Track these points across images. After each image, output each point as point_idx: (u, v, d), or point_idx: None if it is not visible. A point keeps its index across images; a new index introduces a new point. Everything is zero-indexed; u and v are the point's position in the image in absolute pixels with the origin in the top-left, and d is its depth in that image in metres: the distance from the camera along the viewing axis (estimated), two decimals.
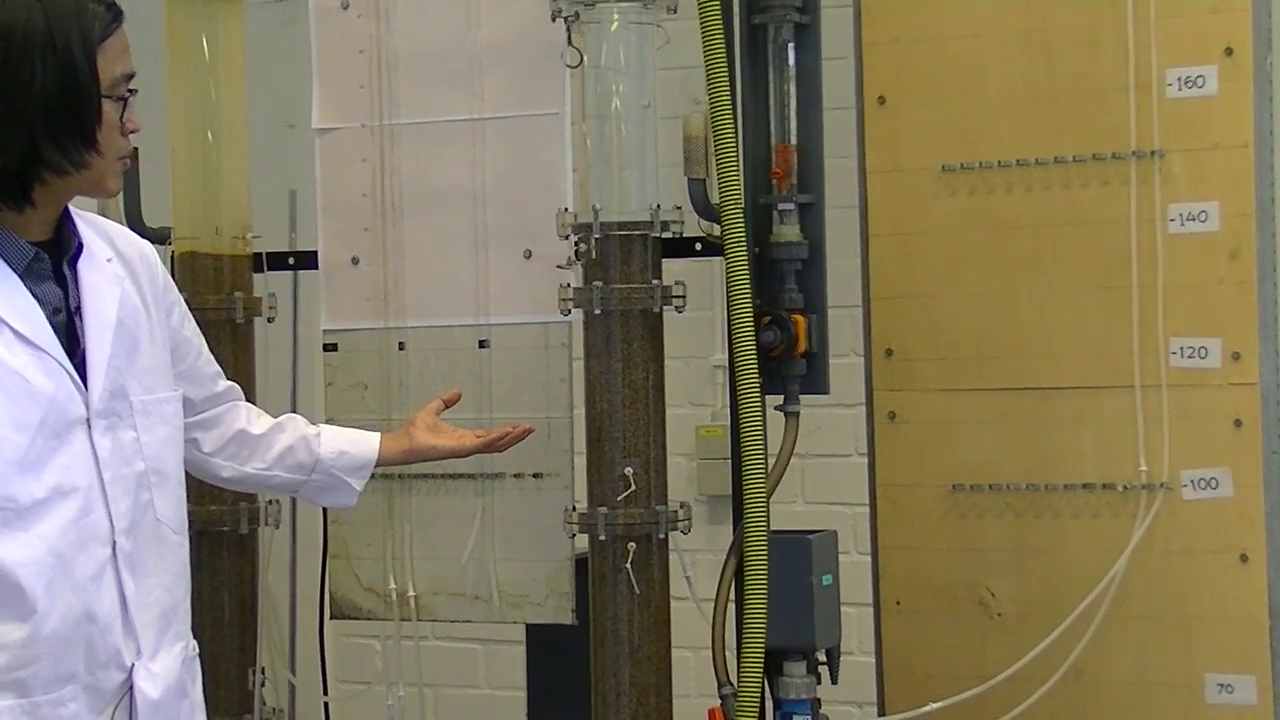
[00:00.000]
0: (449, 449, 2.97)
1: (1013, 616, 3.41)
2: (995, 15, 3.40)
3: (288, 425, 2.85)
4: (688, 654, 3.70)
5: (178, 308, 2.65)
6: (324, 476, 2.85)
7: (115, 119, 2.39)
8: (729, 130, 3.22)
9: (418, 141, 3.55)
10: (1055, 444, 3.39)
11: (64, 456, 2.34)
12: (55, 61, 2.32)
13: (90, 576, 2.36)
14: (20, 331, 2.33)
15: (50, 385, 2.34)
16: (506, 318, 3.50)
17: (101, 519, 2.38)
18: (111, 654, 2.39)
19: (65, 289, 2.42)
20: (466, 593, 3.56)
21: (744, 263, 3.24)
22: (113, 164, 2.41)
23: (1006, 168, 3.41)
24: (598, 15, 3.29)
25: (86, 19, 2.36)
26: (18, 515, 2.30)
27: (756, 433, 3.25)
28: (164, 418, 2.50)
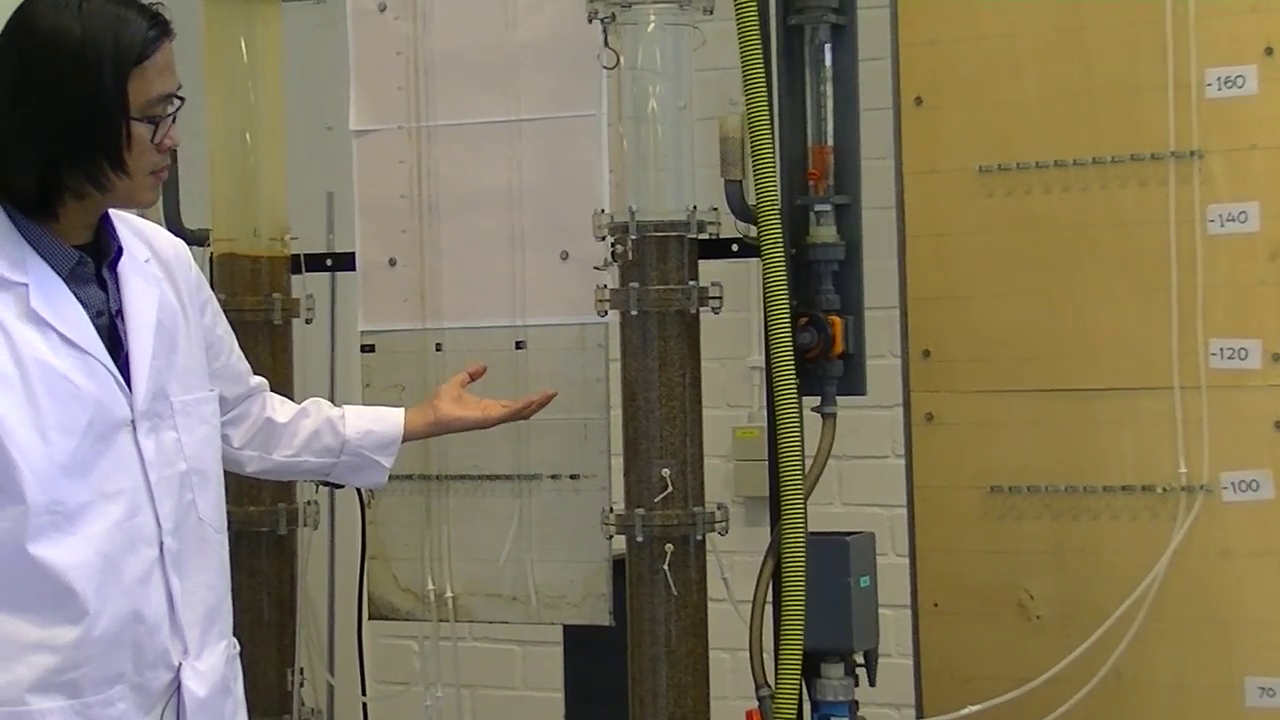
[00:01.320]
0: (474, 420, 2.99)
1: (1051, 619, 3.40)
2: (1033, 16, 3.39)
3: (312, 410, 2.86)
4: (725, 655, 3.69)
5: (210, 305, 2.66)
6: (352, 457, 2.86)
7: (148, 137, 2.37)
8: (765, 131, 3.22)
9: (455, 143, 3.56)
10: (1094, 445, 3.37)
11: (110, 459, 2.36)
12: (82, 85, 2.31)
13: (138, 578, 2.38)
14: (66, 335, 2.34)
15: (96, 388, 2.35)
16: (543, 319, 3.50)
17: (148, 520, 2.39)
18: (159, 654, 2.41)
19: (106, 292, 2.43)
20: (504, 594, 3.56)
21: (781, 264, 3.23)
22: (142, 179, 2.40)
23: (1044, 168, 3.39)
24: (634, 16, 3.29)
25: (125, 36, 2.33)
26: (66, 518, 2.32)
27: (793, 434, 3.25)
28: (203, 417, 2.52)
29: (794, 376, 3.25)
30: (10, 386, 2.29)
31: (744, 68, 3.21)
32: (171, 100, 2.40)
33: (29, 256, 2.35)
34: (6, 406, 2.29)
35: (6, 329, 2.31)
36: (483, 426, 3.02)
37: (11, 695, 2.30)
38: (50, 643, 2.31)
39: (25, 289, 2.33)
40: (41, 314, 2.33)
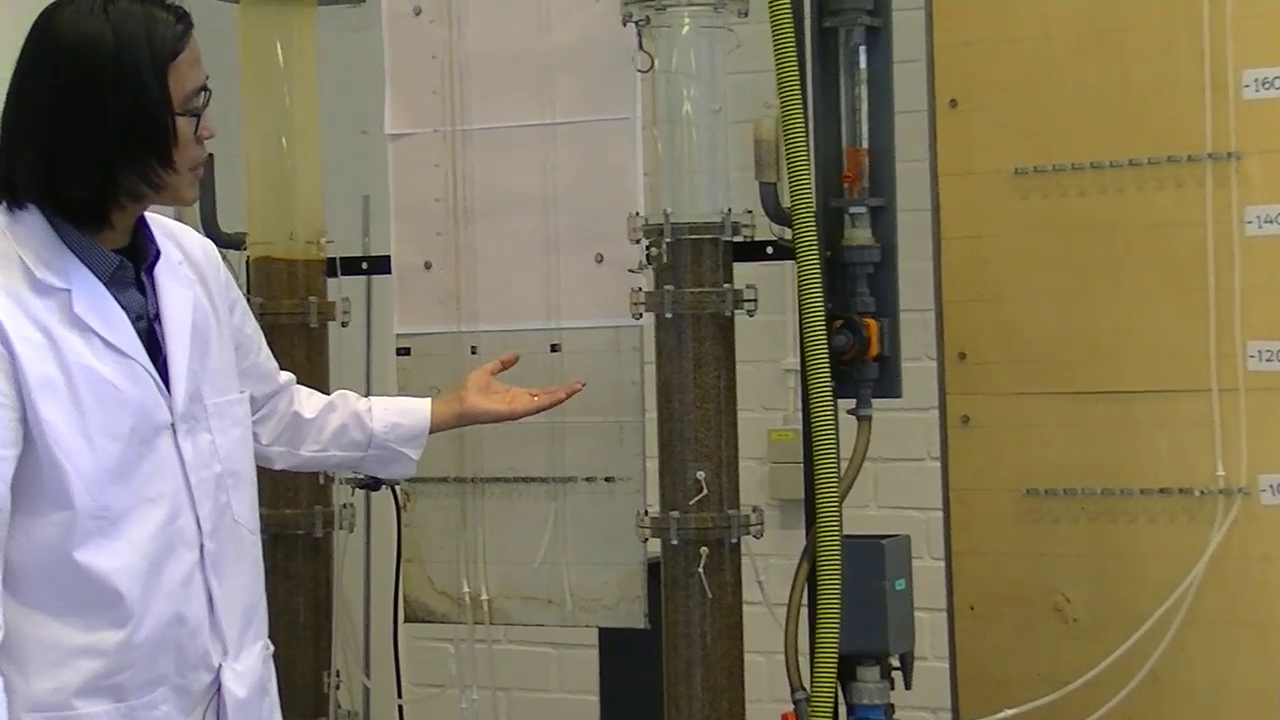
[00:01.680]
0: (501, 412, 2.97)
1: (1088, 622, 3.39)
2: (1068, 17, 3.38)
3: (339, 404, 2.86)
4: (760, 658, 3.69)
5: (239, 305, 2.67)
6: (380, 451, 2.87)
7: (190, 133, 2.39)
8: (800, 134, 3.21)
9: (489, 146, 3.56)
10: (1131, 448, 3.36)
11: (151, 462, 2.38)
12: (127, 88, 2.32)
13: (180, 580, 2.40)
14: (109, 340, 2.36)
15: (138, 393, 2.37)
16: (578, 322, 3.50)
17: (189, 523, 2.41)
18: (200, 655, 2.43)
19: (145, 295, 2.44)
20: (539, 596, 3.57)
21: (815, 266, 3.23)
22: (187, 175, 2.42)
23: (1080, 170, 3.38)
24: (668, 20, 3.29)
25: (156, 36, 2.34)
26: (111, 523, 2.33)
27: (828, 437, 3.24)
28: (236, 419, 2.53)
29: (829, 379, 3.24)
30: (57, 392, 2.31)
31: (778, 70, 3.21)
32: (203, 92, 2.41)
33: (70, 262, 2.36)
34: (54, 413, 2.30)
35: (51, 335, 2.32)
36: (510, 418, 3.00)
37: (59, 700, 2.32)
38: (96, 647, 2.33)
39: (68, 295, 2.34)
40: (85, 319, 2.34)
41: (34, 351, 2.30)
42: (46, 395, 2.30)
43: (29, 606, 2.31)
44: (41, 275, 2.33)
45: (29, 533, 2.31)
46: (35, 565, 2.31)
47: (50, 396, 2.30)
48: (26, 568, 2.31)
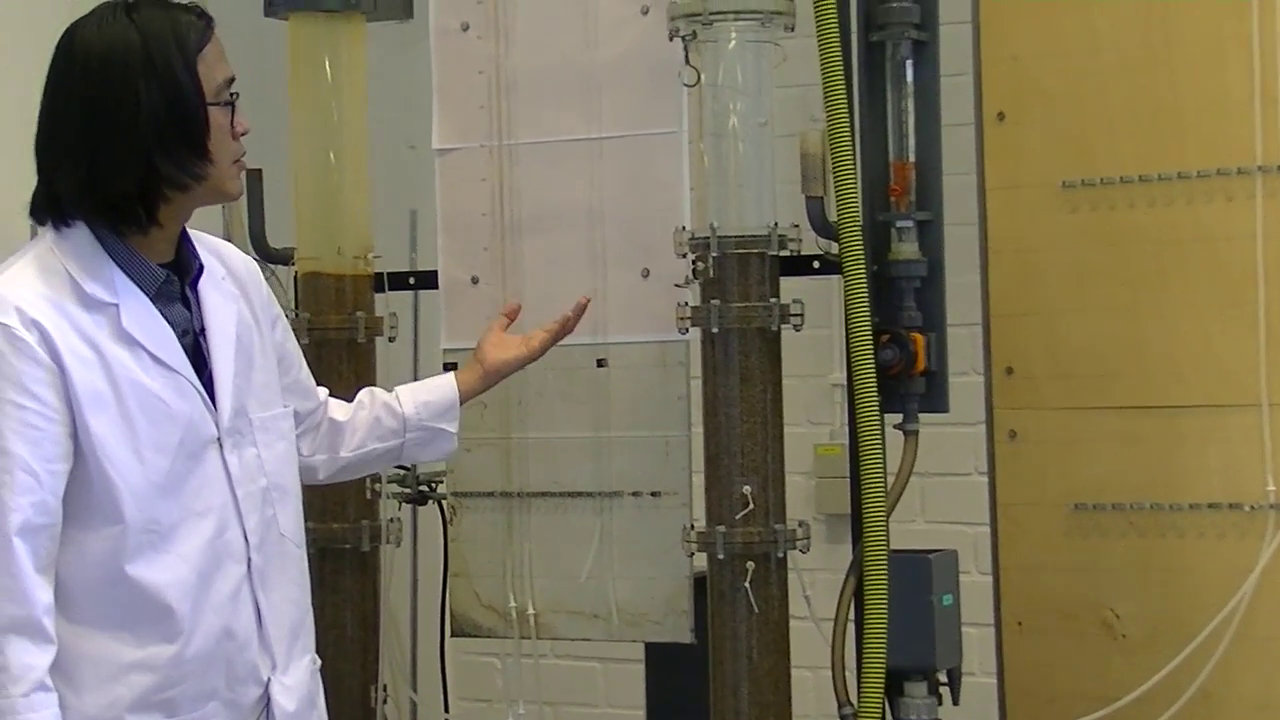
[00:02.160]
0: (521, 357, 3.01)
1: (1137, 638, 3.37)
2: (1116, 30, 3.37)
3: (366, 400, 2.87)
4: (807, 674, 3.68)
5: (280, 321, 2.68)
6: (418, 432, 2.87)
7: (225, 123, 2.41)
8: (847, 147, 3.21)
9: (536, 161, 3.57)
10: (1180, 463, 3.34)
11: (199, 477, 2.40)
12: (158, 80, 2.35)
13: (229, 594, 2.41)
14: (157, 355, 2.37)
15: (186, 407, 2.39)
16: (624, 336, 3.50)
17: (236, 537, 2.43)
18: (249, 669, 2.44)
19: (190, 310, 2.46)
20: (585, 611, 3.56)
21: (862, 280, 3.23)
22: (228, 168, 2.44)
23: (1129, 183, 3.37)
24: (715, 34, 3.29)
25: (182, 32, 2.38)
26: (162, 537, 2.35)
27: (875, 451, 3.23)
28: (280, 433, 2.55)
29: (876, 394, 3.24)
30: (106, 407, 2.32)
31: (825, 84, 3.21)
32: (232, 85, 2.44)
33: (117, 277, 2.38)
34: (104, 427, 2.32)
35: (100, 350, 2.33)
36: (532, 359, 3.03)
37: (111, 715, 2.34)
38: (148, 662, 2.35)
39: (116, 309, 2.36)
40: (133, 334, 2.36)
41: (83, 366, 2.32)
42: (96, 410, 2.32)
43: (80, 623, 2.33)
44: (90, 290, 2.35)
45: (80, 548, 2.33)
46: (86, 580, 2.33)
47: (100, 411, 2.32)
48: (77, 583, 2.33)
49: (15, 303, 2.31)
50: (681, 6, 3.30)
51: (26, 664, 2.26)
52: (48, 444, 2.29)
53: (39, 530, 2.28)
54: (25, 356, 2.29)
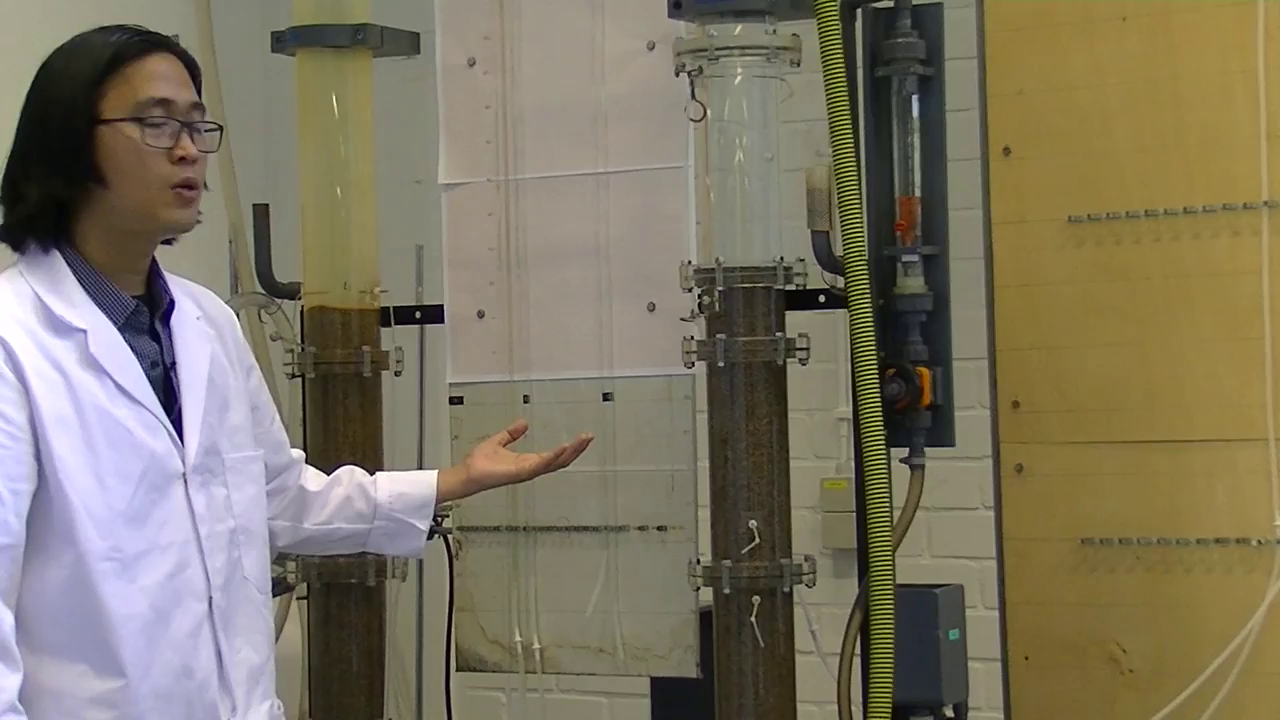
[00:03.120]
0: (510, 475, 2.89)
1: (1144, 673, 3.36)
2: (1122, 65, 3.37)
3: (344, 477, 2.81)
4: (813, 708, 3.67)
5: (254, 372, 2.66)
6: (386, 522, 2.79)
7: (140, 143, 2.36)
8: (853, 182, 3.22)
9: (543, 196, 3.58)
10: (1187, 497, 3.34)
11: (162, 511, 2.37)
12: (56, 97, 2.36)
13: (187, 633, 2.38)
14: (122, 384, 2.35)
15: (150, 439, 2.36)
16: (630, 370, 3.51)
17: (198, 575, 2.40)
18: (208, 710, 2.41)
19: (160, 344, 2.44)
20: (591, 645, 3.56)
21: (868, 315, 3.23)
22: (154, 194, 2.38)
23: (1135, 218, 3.37)
24: (721, 70, 3.30)
25: (101, 49, 2.37)
26: (125, 566, 2.33)
27: (881, 486, 3.23)
28: (251, 476, 2.52)
29: (882, 428, 3.23)
30: (70, 431, 2.31)
31: (831, 119, 3.21)
32: (169, 105, 2.38)
33: (86, 303, 2.37)
34: (66, 451, 2.30)
35: (66, 374, 2.32)
36: (518, 480, 2.93)
37: None
38: (107, 697, 2.32)
39: (84, 335, 2.35)
40: (100, 361, 2.34)
41: (48, 389, 2.30)
42: (60, 432, 2.30)
43: (40, 652, 2.29)
44: (59, 314, 2.34)
45: (41, 573, 2.30)
46: (47, 608, 2.30)
47: (63, 434, 2.30)
48: (38, 610, 2.30)
49: None
50: (688, 42, 3.31)
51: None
52: (11, 462, 2.27)
53: (2, 550, 2.26)
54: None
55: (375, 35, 3.65)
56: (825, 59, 3.20)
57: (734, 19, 3.28)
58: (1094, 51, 3.40)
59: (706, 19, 3.29)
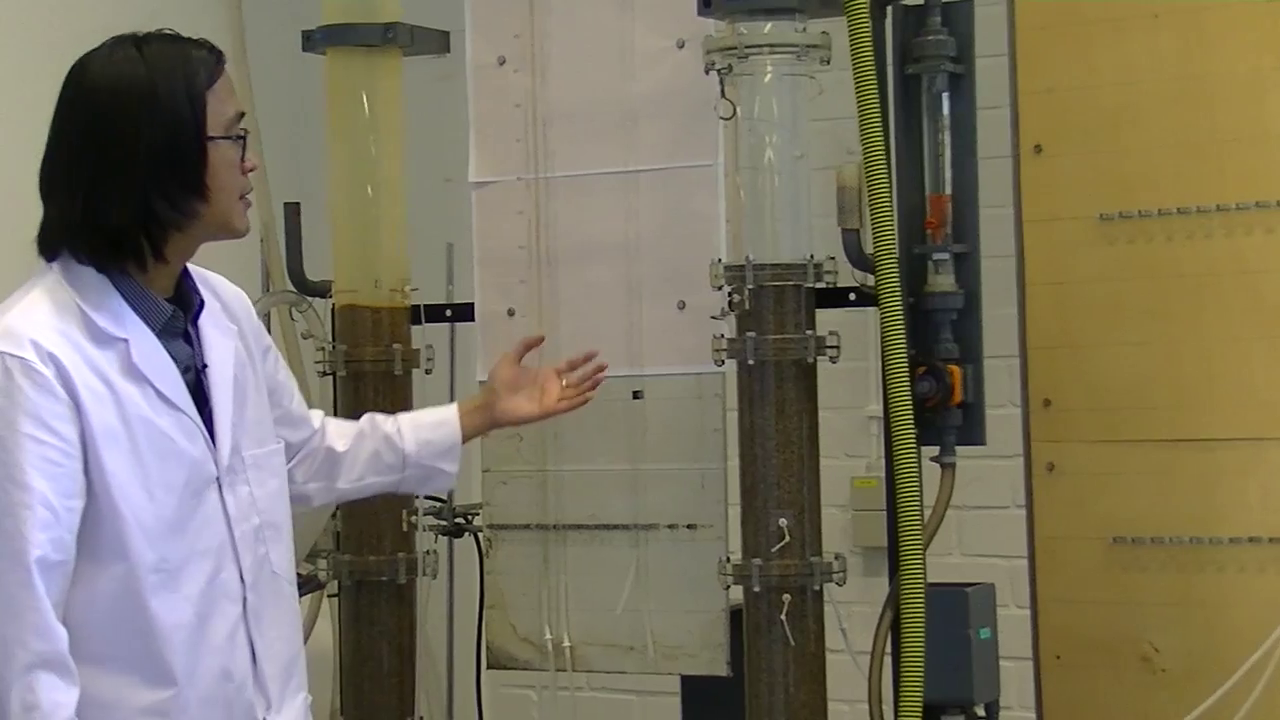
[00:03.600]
0: (533, 416, 2.94)
1: (1177, 672, 3.35)
2: (1153, 63, 3.36)
3: (368, 430, 2.83)
4: (844, 707, 3.66)
5: (271, 352, 2.66)
6: (416, 470, 2.84)
7: (233, 159, 2.39)
8: (883, 180, 3.21)
9: (572, 194, 3.58)
10: (1219, 496, 3.32)
11: (201, 516, 2.38)
12: (160, 116, 2.33)
13: (226, 635, 2.40)
14: (164, 392, 2.36)
15: (190, 446, 2.38)
16: (660, 369, 3.51)
17: (232, 577, 2.41)
18: (245, 710, 2.42)
19: (192, 346, 2.44)
20: (621, 643, 3.56)
21: (898, 313, 3.22)
22: (233, 204, 2.41)
23: (1167, 216, 3.36)
24: (751, 68, 3.30)
25: (191, 67, 2.36)
26: (171, 576, 2.34)
27: (912, 484, 3.22)
28: (273, 470, 2.53)
29: (912, 426, 3.23)
30: (119, 444, 2.31)
31: (861, 117, 3.21)
32: (242, 119, 2.42)
33: (126, 312, 2.36)
34: (117, 464, 2.30)
35: (112, 385, 2.32)
36: (543, 418, 2.98)
37: None
38: (157, 707, 2.33)
39: (126, 345, 2.35)
40: (143, 370, 2.34)
41: (97, 402, 2.30)
42: (109, 446, 2.30)
43: (91, 664, 2.30)
44: (101, 324, 2.34)
45: (90, 586, 2.31)
46: (97, 620, 2.31)
47: (113, 448, 2.30)
48: (88, 623, 2.30)
49: (30, 335, 2.29)
50: (717, 40, 3.31)
51: (56, 701, 2.24)
52: (66, 480, 2.27)
53: (55, 567, 2.26)
54: (44, 391, 2.27)
55: (405, 34, 3.66)
56: (855, 56, 3.20)
57: (764, 17, 3.28)
58: (1125, 49, 3.39)
59: (736, 17, 3.29)
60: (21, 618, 2.23)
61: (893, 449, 3.24)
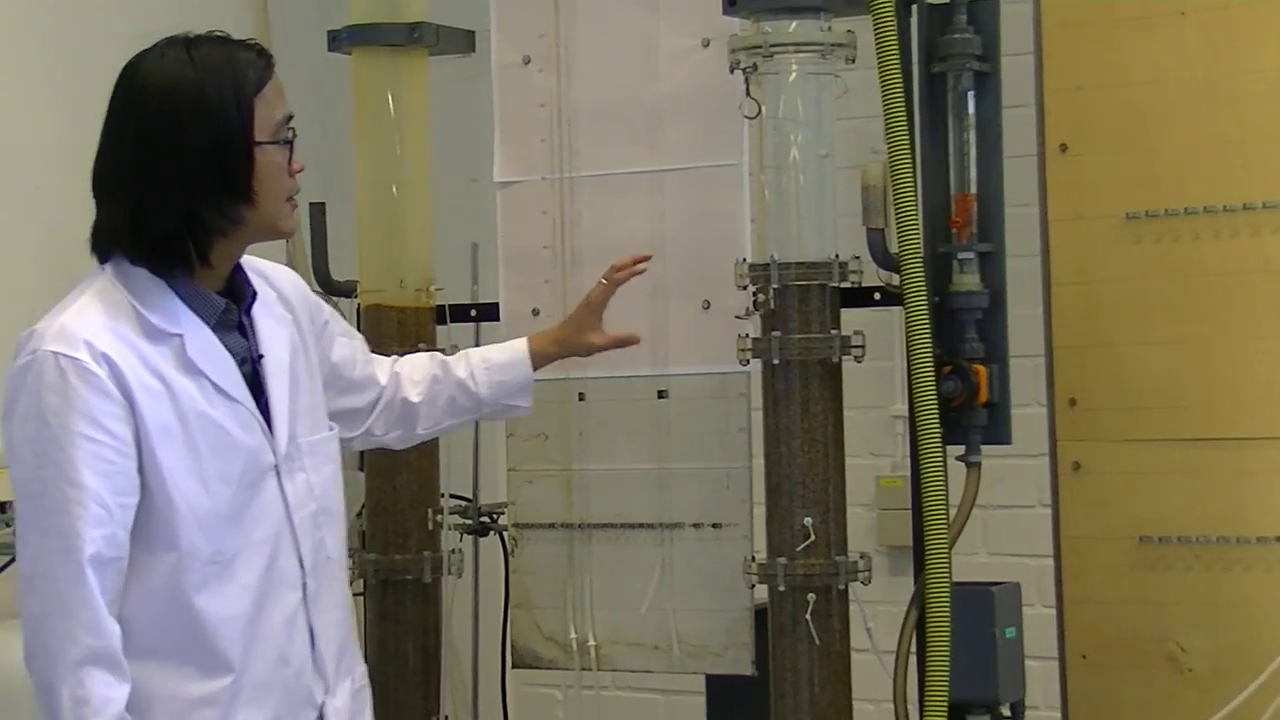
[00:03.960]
0: (594, 345, 3.03)
1: (1204, 672, 3.33)
2: (1180, 61, 3.35)
3: (442, 376, 2.88)
4: (869, 706, 3.66)
5: (330, 324, 2.69)
6: (493, 408, 2.93)
7: (281, 161, 2.41)
8: (908, 179, 3.21)
9: (597, 193, 3.58)
10: (1247, 496, 3.31)
11: (258, 505, 2.40)
12: (208, 119, 2.34)
13: (282, 622, 2.42)
14: (220, 385, 2.38)
15: (247, 437, 2.40)
16: (685, 368, 3.51)
17: (291, 564, 2.44)
18: (304, 694, 2.45)
19: (247, 338, 2.46)
20: (646, 642, 3.56)
21: (924, 312, 3.22)
22: (279, 206, 2.42)
23: (1193, 215, 3.35)
24: (776, 66, 3.29)
25: (240, 70, 2.37)
26: (226, 566, 2.36)
27: (937, 483, 3.22)
28: (327, 456, 2.55)
29: (938, 425, 3.22)
30: (173, 439, 2.33)
31: (886, 116, 3.21)
32: (290, 121, 2.44)
33: (179, 307, 2.39)
34: (171, 459, 2.33)
35: (167, 381, 2.34)
36: (608, 347, 3.06)
37: None
38: (213, 697, 2.36)
39: (180, 340, 2.37)
40: (197, 364, 2.37)
41: (151, 399, 2.32)
42: (164, 442, 2.33)
43: (146, 658, 2.32)
44: (154, 321, 2.36)
45: (144, 578, 2.33)
46: (151, 613, 2.34)
47: (168, 443, 2.33)
48: (142, 616, 2.33)
49: (84, 336, 2.31)
50: (742, 39, 3.31)
51: (106, 696, 2.27)
52: (120, 478, 2.30)
53: (109, 563, 2.28)
54: (97, 390, 2.29)
55: (431, 34, 3.66)
56: (880, 55, 3.20)
57: (789, 15, 3.28)
58: (1152, 47, 3.38)
59: (761, 16, 3.29)
60: (73, 614, 2.26)
61: (918, 448, 3.24)
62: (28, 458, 2.29)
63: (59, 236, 3.59)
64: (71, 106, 3.70)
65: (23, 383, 2.30)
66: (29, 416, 2.29)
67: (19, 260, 4.06)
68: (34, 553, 2.29)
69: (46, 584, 2.27)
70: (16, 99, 4.16)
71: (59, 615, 2.26)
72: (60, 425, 2.28)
